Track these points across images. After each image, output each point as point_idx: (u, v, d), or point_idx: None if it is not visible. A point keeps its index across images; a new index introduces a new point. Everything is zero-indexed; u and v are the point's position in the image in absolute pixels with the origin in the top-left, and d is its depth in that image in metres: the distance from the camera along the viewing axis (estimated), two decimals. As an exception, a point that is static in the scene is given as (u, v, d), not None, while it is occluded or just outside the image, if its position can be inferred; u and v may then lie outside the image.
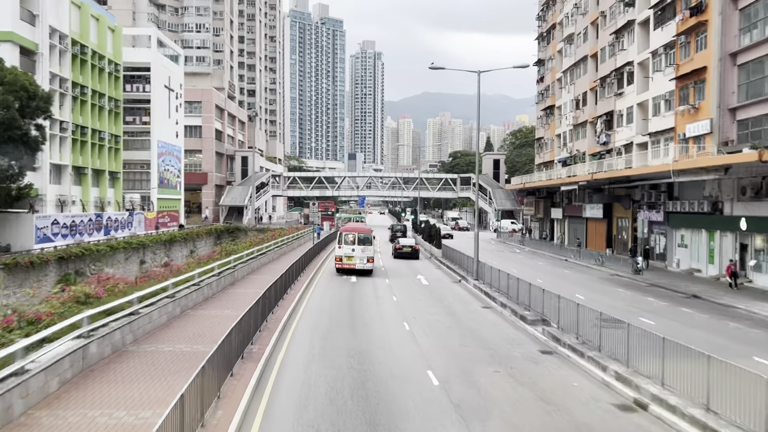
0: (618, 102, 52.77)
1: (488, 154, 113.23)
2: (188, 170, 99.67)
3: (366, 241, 36.63)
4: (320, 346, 17.97)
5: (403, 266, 45.71)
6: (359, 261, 36.20)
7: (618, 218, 53.25)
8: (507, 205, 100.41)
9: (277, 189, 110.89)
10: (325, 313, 23.29)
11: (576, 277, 38.97)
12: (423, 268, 42.49)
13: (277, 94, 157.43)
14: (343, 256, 36.48)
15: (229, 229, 78.56)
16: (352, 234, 36.58)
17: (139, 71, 72.97)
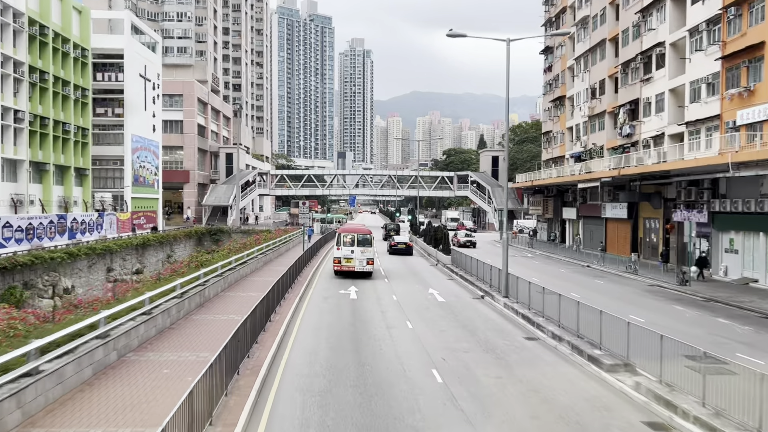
0: (645, 89, 46.75)
1: (486, 151, 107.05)
2: (168, 168, 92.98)
3: (365, 242, 34.75)
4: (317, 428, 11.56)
5: (405, 270, 39.67)
6: (358, 263, 34.30)
7: (645, 219, 47.24)
8: (508, 205, 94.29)
9: (264, 188, 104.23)
10: (320, 357, 16.87)
11: (613, 290, 32.84)
12: (432, 279, 36.19)
13: (264, 90, 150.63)
14: (342, 258, 34.57)
15: (211, 231, 71.94)
16: (351, 235, 34.78)
17: (111, 58, 66.17)
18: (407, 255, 51.38)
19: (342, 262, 34.53)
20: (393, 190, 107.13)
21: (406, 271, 40.50)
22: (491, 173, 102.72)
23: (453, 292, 30.47)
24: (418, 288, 31.55)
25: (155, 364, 15.03)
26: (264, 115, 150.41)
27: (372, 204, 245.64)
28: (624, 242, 49.76)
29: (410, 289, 31.16)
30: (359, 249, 34.50)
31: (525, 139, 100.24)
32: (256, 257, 36.58)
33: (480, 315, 24.04)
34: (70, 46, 55.67)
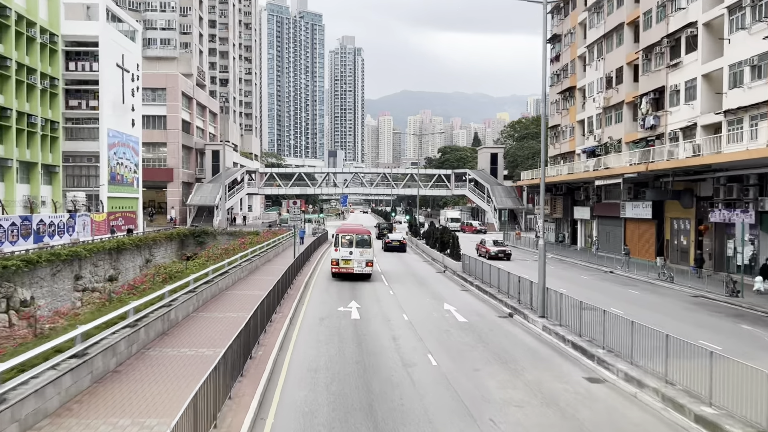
0: (672, 75, 42.04)
1: (485, 148, 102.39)
2: (151, 165, 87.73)
3: (364, 243, 33.46)
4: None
5: (409, 276, 35.29)
6: (357, 265, 33.11)
7: (673, 219, 42.53)
8: (508, 204, 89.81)
9: (253, 187, 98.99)
10: (319, 421, 11.90)
11: (655, 303, 28.04)
12: (443, 289, 31.26)
13: (253, 86, 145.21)
14: (340, 260, 33.27)
15: (195, 233, 66.73)
16: (350, 236, 33.42)
17: (85, 46, 60.81)
18: (401, 252, 54.33)
19: (340, 263, 33.11)
20: (387, 189, 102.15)
21: (411, 277, 35.62)
22: (490, 171, 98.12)
23: (473, 308, 25.51)
24: (431, 302, 26.59)
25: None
26: (253, 111, 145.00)
27: (364, 203, 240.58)
28: (647, 245, 45.05)
29: (421, 303, 26.21)
30: (358, 250, 33.07)
31: (526, 135, 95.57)
32: (239, 266, 31.51)
33: (517, 343, 19.09)
34: (36, 31, 50.37)
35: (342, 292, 28.71)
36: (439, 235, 42.21)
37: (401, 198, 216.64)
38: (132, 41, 68.90)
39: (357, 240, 33.18)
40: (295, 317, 22.16)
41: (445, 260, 39.43)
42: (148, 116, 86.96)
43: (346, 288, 30.42)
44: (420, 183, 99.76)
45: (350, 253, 33.06)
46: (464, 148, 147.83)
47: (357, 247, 33.16)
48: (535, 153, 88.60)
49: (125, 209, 65.09)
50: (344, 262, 33.03)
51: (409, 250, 57.39)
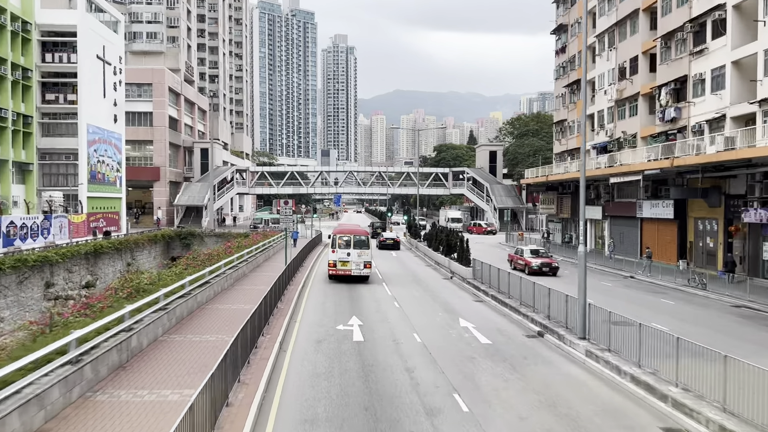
0: (696, 63, 38.58)
1: (484, 146, 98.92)
2: (136, 164, 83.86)
3: (362, 244, 32.35)
4: None
5: (411, 281, 31.20)
6: (355, 266, 32.00)
7: (697, 219, 39.05)
8: (508, 203, 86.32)
9: (243, 186, 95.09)
10: None
11: (694, 315, 24.54)
12: (454, 299, 27.60)
13: (244, 83, 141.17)
14: (337, 262, 32.16)
15: (181, 235, 62.83)
16: (347, 236, 32.20)
17: (63, 36, 56.86)
18: (395, 249, 55.82)
19: (337, 265, 32.06)
20: (382, 188, 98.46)
21: (415, 284, 31.97)
22: (488, 169, 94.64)
23: (494, 324, 21.86)
24: (443, 317, 22.94)
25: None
26: (244, 109, 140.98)
27: (357, 203, 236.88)
28: (667, 247, 41.58)
29: (433, 318, 22.54)
30: (356, 251, 32.00)
31: (525, 133, 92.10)
32: (223, 274, 27.78)
33: (559, 374, 15.44)
34: (6, 18, 46.46)
35: (340, 305, 25.03)
36: (445, 237, 38.52)
37: (395, 197, 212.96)
38: (114, 32, 64.89)
39: (355, 241, 32.00)
40: (287, 340, 18.45)
41: (452, 265, 35.78)
42: (133, 113, 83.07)
43: (345, 299, 26.77)
44: (417, 182, 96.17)
45: (348, 254, 31.93)
46: (460, 146, 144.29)
47: (355, 248, 31.97)
48: (536, 150, 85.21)
49: (107, 210, 61.18)
50: (342, 264, 31.89)
51: (408, 252, 54.10)
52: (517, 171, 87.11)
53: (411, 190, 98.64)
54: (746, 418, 11.06)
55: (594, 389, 14.26)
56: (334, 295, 27.80)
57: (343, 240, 32.03)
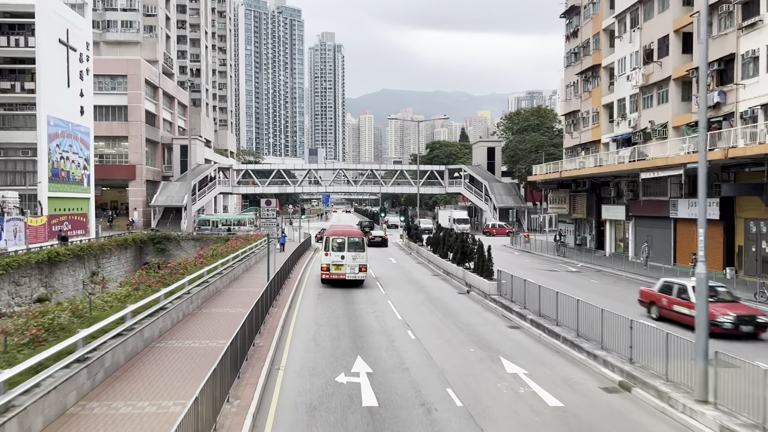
0: (745, 39, 32.97)
1: (481, 142, 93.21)
2: (110, 162, 77.57)
3: (357, 246, 30.44)
4: None
5: (426, 302, 24.76)
6: (349, 270, 30.15)
7: (749, 220, 33.43)
8: (508, 202, 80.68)
9: (226, 185, 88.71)
10: None
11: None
12: (484, 327, 21.56)
13: (228, 78, 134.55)
14: (331, 265, 30.25)
15: (155, 239, 56.48)
16: (341, 238, 30.41)
17: (19, 17, 50.39)
18: (383, 246, 57.99)
19: (331, 269, 30.21)
20: (374, 187, 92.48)
21: (426, 299, 26.01)
22: (486, 166, 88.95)
23: (551, 368, 15.85)
24: (479, 355, 16.88)
25: None
26: (228, 105, 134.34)
27: (346, 203, 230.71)
28: (710, 252, 35.90)
29: (467, 360, 16.44)
30: (350, 254, 30.10)
31: (526, 128, 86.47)
32: (187, 295, 21.67)
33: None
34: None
35: (339, 337, 19.00)
36: (458, 243, 32.44)
37: (385, 197, 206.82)
38: (81, 16, 58.38)
39: (349, 243, 29.98)
40: (265, 407, 12.39)
41: (468, 276, 29.79)
42: (107, 106, 76.72)
43: (344, 325, 20.83)
44: (411, 180, 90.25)
45: (342, 257, 29.99)
46: (453, 144, 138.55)
47: (349, 250, 29.98)
48: (539, 146, 79.55)
49: (72, 212, 54.73)
50: (335, 268, 29.98)
51: (407, 257, 48.25)
52: (518, 168, 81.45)
53: (405, 189, 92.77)
54: None
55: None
56: (329, 320, 21.79)
57: (337, 242, 30.12)
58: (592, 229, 52.09)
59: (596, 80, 51.42)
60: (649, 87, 42.78)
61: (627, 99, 45.87)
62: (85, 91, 59.10)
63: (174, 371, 14.08)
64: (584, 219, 52.77)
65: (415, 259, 46.06)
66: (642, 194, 43.56)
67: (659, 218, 40.78)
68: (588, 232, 53.21)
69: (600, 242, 50.61)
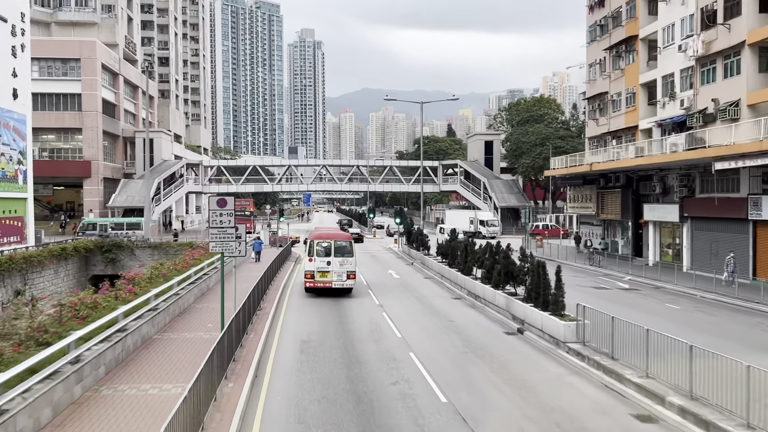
0: None
1: (478, 135, 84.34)
2: (61, 157, 67.94)
3: (345, 251, 27.04)
4: None
5: (459, 353, 15.30)
6: (336, 277, 26.83)
7: None
8: (510, 201, 72.00)
9: (197, 184, 78.89)
10: None
11: None
12: (597, 421, 12.69)
13: (201, 70, 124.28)
14: (316, 272, 26.92)
15: (104, 247, 46.66)
16: (327, 242, 27.06)
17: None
18: (359, 242, 58.96)
19: (316, 276, 27.08)
20: (362, 185, 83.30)
21: (464, 349, 16.93)
22: (484, 162, 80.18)
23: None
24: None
25: None
26: (201, 99, 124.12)
27: (327, 203, 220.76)
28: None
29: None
30: (337, 260, 27.00)
31: (529, 119, 77.75)
32: (88, 353, 12.28)
33: None
34: None
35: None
36: (493, 257, 22.92)
37: (370, 196, 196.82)
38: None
39: (336, 247, 27.13)
40: None
41: (514, 307, 20.60)
42: (58, 95, 66.89)
43: (350, 414, 11.64)
44: (401, 178, 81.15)
45: (328, 263, 27.08)
46: (443, 139, 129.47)
47: (336, 255, 27.06)
48: (545, 138, 70.87)
49: (5, 214, 44.80)
50: (321, 275, 27.09)
51: (408, 268, 39.17)
52: (522, 163, 72.69)
53: (395, 187, 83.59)
54: None
55: None
56: (325, 412, 12.54)
57: (322, 246, 27.11)
58: (626, 232, 43.40)
59: (630, 55, 42.74)
60: (711, 57, 34.09)
61: (677, 74, 37.17)
62: (21, 71, 48.92)
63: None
64: (616, 220, 44.06)
65: (421, 272, 36.83)
66: (700, 190, 34.97)
67: (731, 220, 32.12)
68: (619, 235, 44.52)
69: (637, 247, 41.92)
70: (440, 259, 34.22)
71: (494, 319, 21.79)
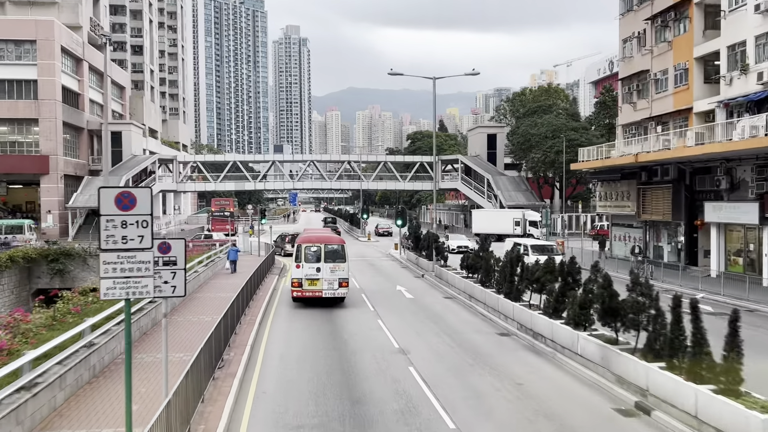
0: None
1: (481, 127, 76.90)
2: (15, 151, 60.24)
3: (336, 255, 24.03)
4: None
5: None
6: (327, 285, 23.71)
7: None
8: (518, 199, 64.67)
9: (171, 181, 70.77)
10: None
11: None
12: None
13: (179, 61, 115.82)
14: (304, 279, 23.74)
15: (50, 256, 38.59)
16: (316, 246, 24.15)
17: None
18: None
19: (304, 284, 23.73)
20: (354, 183, 75.61)
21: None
22: (487, 157, 72.79)
23: None
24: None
25: None
26: (180, 92, 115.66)
27: (314, 202, 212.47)
28: None
29: None
30: (328, 266, 23.64)
31: (536, 110, 70.41)
32: None
33: None
34: None
35: None
36: (599, 291, 15.02)
37: (355, 196, 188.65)
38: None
39: (326, 252, 23.82)
40: None
41: (620, 365, 13.11)
42: (11, 81, 59.01)
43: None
44: (397, 175, 73.53)
45: (317, 270, 23.59)
46: (438, 134, 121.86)
47: (327, 261, 23.60)
48: (556, 130, 63.59)
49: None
50: (310, 283, 23.59)
51: (421, 284, 31.29)
52: (531, 157, 65.25)
53: (389, 185, 75.96)
54: None
55: None
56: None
57: (311, 251, 24.02)
58: (675, 235, 36.09)
59: (681, 24, 35.42)
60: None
61: (750, 42, 29.86)
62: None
63: None
64: (663, 222, 36.70)
65: (438, 288, 29.12)
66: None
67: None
68: (665, 239, 37.22)
69: (691, 254, 34.61)
70: (464, 273, 26.58)
71: (583, 378, 14.18)
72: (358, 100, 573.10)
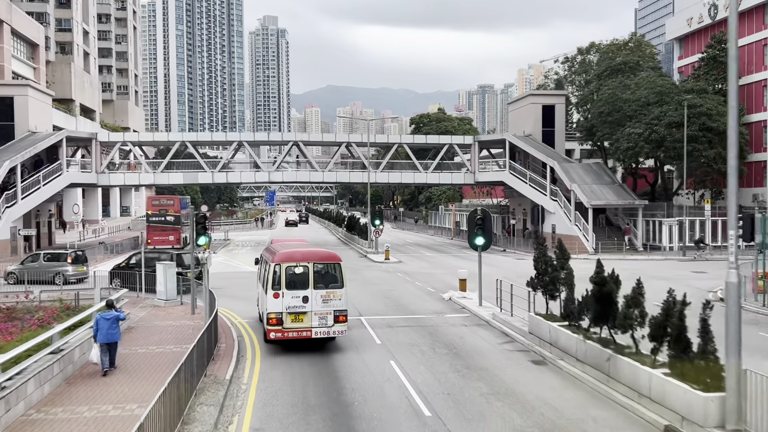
0: None
1: (532, 96, 54.29)
2: None
3: (329, 278, 15.79)
4: None
5: None
6: (318, 321, 15.14)
7: None
8: (607, 197, 43.27)
9: (88, 170, 47.43)
10: None
11: None
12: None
13: (130, 29, 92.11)
14: (286, 314, 14.99)
15: None
16: (302, 266, 15.39)
17: None
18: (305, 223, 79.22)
19: (285, 321, 14.97)
20: (356, 174, 53.16)
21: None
22: (541, 138, 50.83)
23: None
24: None
25: None
26: (130, 66, 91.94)
27: (294, 202, 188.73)
28: None
29: None
30: (318, 293, 15.18)
31: (618, 70, 47.65)
32: None
33: None
34: None
35: None
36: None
37: (342, 193, 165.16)
38: None
39: (316, 272, 15.40)
40: None
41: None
42: None
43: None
44: (416, 163, 51.13)
45: (304, 299, 15.02)
46: (448, 117, 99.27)
47: (317, 286, 15.19)
48: (661, 94, 41.67)
49: None
50: (294, 319, 14.95)
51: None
52: (628, 134, 42.31)
53: (405, 177, 53.44)
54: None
55: None
56: None
57: (295, 273, 15.10)
58: None
59: None
60: None
61: None
62: None
63: None
64: None
65: None
66: None
67: None
68: None
69: None
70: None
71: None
72: (337, 98, 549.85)
